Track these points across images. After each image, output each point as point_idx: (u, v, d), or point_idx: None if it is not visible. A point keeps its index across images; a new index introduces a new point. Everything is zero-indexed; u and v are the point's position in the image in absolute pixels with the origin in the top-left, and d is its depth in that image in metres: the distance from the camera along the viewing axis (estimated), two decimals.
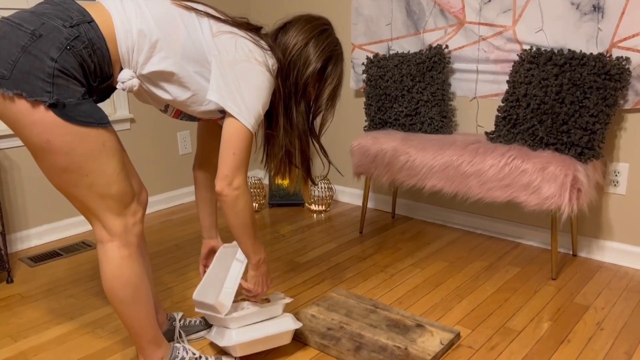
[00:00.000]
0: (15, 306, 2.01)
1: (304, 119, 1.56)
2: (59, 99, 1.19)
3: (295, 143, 1.57)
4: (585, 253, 2.36)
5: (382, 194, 3.02)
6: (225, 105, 1.38)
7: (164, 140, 3.10)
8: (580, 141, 2.02)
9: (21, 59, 1.17)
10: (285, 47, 1.51)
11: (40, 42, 1.18)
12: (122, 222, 1.34)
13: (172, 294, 2.08)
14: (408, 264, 2.30)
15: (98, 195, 1.29)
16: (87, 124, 1.24)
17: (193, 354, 1.53)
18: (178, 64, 1.35)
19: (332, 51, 1.56)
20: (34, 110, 1.19)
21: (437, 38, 2.57)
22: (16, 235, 2.54)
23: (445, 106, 2.50)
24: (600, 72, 1.99)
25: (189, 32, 1.36)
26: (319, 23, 1.56)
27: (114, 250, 1.34)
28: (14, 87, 1.17)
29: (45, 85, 1.18)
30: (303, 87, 1.53)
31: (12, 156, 2.49)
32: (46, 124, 1.20)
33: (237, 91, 1.38)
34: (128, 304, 1.38)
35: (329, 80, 1.57)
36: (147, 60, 1.33)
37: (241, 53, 1.39)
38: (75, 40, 1.21)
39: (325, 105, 1.59)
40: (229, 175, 1.40)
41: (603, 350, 1.66)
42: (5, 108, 1.20)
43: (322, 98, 1.58)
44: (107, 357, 1.67)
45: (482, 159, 2.12)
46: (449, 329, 1.73)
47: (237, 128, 1.39)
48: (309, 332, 1.74)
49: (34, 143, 1.23)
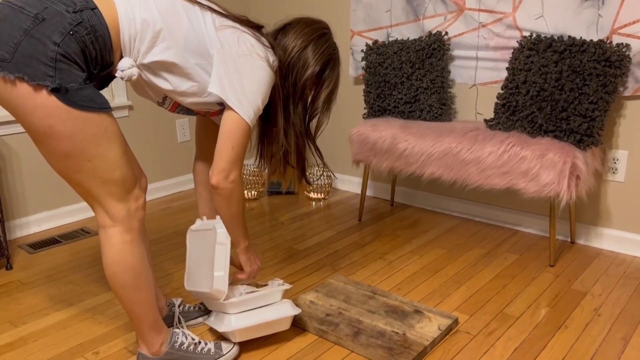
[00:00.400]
0: (14, 292, 2.02)
1: (301, 120, 1.59)
2: (61, 83, 1.19)
3: (292, 143, 1.59)
4: (584, 240, 2.37)
5: (381, 182, 3.02)
6: (226, 98, 1.38)
7: (162, 127, 3.09)
8: (580, 128, 2.02)
9: (23, 42, 1.16)
10: (285, 48, 1.54)
11: (43, 26, 1.17)
12: (125, 207, 1.34)
13: (172, 280, 2.09)
14: (406, 251, 2.30)
15: (100, 180, 1.30)
16: (89, 109, 1.24)
17: (192, 339, 1.54)
18: (180, 55, 1.35)
19: (330, 55, 1.59)
20: (36, 94, 1.18)
21: (436, 25, 2.55)
22: (15, 222, 2.54)
23: (444, 93, 2.50)
24: (600, 58, 1.99)
25: (192, 24, 1.36)
26: (319, 27, 1.59)
27: (116, 235, 1.35)
28: (16, 70, 1.16)
29: (47, 70, 1.17)
30: (301, 89, 1.56)
31: (11, 143, 2.49)
32: (48, 109, 1.19)
33: (238, 84, 1.38)
34: (129, 289, 1.39)
35: (325, 83, 1.61)
36: (149, 50, 1.33)
37: (243, 47, 1.39)
38: (78, 26, 1.21)
39: (321, 108, 1.62)
40: (226, 168, 1.42)
41: (600, 335, 1.67)
42: (6, 92, 1.19)
43: (319, 101, 1.61)
44: (107, 343, 1.68)
45: (481, 146, 2.12)
46: (447, 315, 1.74)
47: (237, 121, 1.40)
48: (308, 317, 1.75)
49: (35, 128, 1.22)
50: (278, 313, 1.59)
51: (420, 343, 1.60)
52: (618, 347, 1.61)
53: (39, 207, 2.62)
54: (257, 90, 1.41)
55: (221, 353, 1.55)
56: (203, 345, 1.54)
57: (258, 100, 1.41)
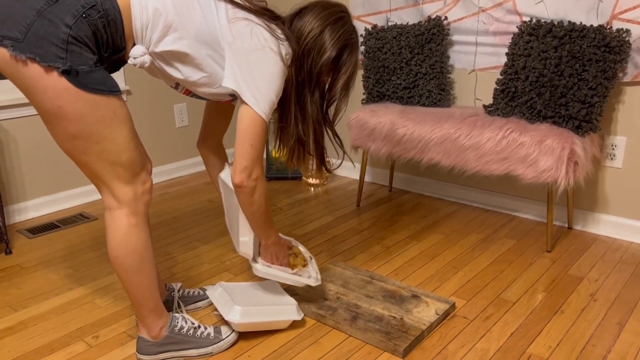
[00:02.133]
0: (14, 277, 2.02)
1: (317, 108, 1.55)
2: (72, 65, 1.19)
3: (308, 132, 1.56)
4: (581, 226, 2.38)
5: (380, 168, 3.02)
6: (242, 94, 1.38)
7: (160, 112, 3.08)
8: (578, 114, 2.02)
9: (36, 22, 1.16)
10: (300, 33, 1.49)
11: (56, 7, 1.17)
12: (132, 190, 1.35)
13: (171, 265, 2.09)
14: (404, 237, 2.31)
15: (108, 162, 1.30)
16: (99, 92, 1.24)
17: (192, 323, 1.55)
18: (191, 46, 1.35)
19: (347, 40, 1.53)
20: (46, 75, 1.18)
21: (436, 9, 2.54)
22: (14, 207, 2.54)
23: (443, 79, 2.49)
24: (600, 44, 1.98)
25: (205, 15, 1.35)
26: (336, 10, 1.53)
27: (122, 218, 1.36)
28: (27, 50, 1.16)
29: (58, 51, 1.17)
30: (317, 75, 1.51)
31: (9, 128, 2.48)
32: (58, 90, 1.20)
33: (251, 80, 1.37)
34: (132, 272, 1.40)
35: (343, 69, 1.55)
36: (160, 39, 1.32)
37: (256, 41, 1.37)
38: (91, 9, 1.21)
39: (339, 95, 1.57)
40: (248, 167, 1.42)
41: (596, 320, 1.68)
42: (18, 72, 1.19)
43: (336, 87, 1.56)
44: (107, 327, 1.70)
45: (479, 132, 2.12)
46: (444, 300, 1.75)
47: (253, 117, 1.39)
48: (306, 302, 1.76)
49: (45, 108, 1.23)
50: (283, 316, 1.63)
51: (417, 327, 1.61)
52: (613, 332, 1.62)
53: (37, 192, 2.62)
54: (271, 85, 1.39)
55: (220, 337, 1.56)
56: (202, 330, 1.55)
57: (272, 95, 1.40)
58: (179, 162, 3.23)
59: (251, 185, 1.44)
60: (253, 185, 1.44)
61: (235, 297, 1.62)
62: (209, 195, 2.89)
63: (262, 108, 1.38)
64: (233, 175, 1.43)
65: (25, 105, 2.50)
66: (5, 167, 2.49)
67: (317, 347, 1.58)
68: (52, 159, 2.65)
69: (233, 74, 1.38)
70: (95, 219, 2.57)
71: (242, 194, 1.45)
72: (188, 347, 1.52)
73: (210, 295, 1.69)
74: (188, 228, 2.46)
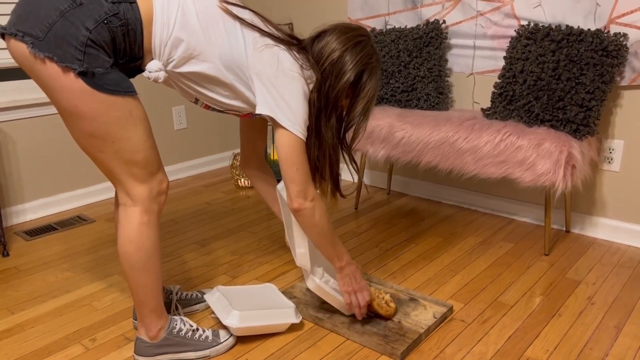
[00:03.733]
0: (11, 279, 2.02)
1: (333, 133, 1.53)
2: (88, 67, 1.22)
3: (324, 158, 1.55)
4: (578, 229, 2.38)
5: (378, 170, 3.02)
6: (277, 118, 1.40)
7: (159, 115, 3.08)
8: (576, 118, 2.02)
9: (58, 23, 1.19)
10: (319, 57, 1.49)
11: (79, 10, 1.20)
12: (147, 189, 1.36)
13: (169, 267, 2.09)
14: (402, 239, 2.31)
15: (123, 161, 1.32)
16: (114, 92, 1.26)
17: (190, 325, 1.55)
18: (216, 69, 1.38)
19: (366, 64, 1.51)
20: (63, 75, 1.21)
21: (434, 13, 2.54)
22: (12, 209, 2.54)
23: (441, 82, 2.49)
24: (597, 48, 1.98)
25: (230, 41, 1.37)
26: (355, 34, 1.51)
27: (135, 215, 1.37)
28: (46, 49, 1.19)
29: (76, 53, 1.20)
30: (335, 99, 1.50)
31: (7, 130, 2.48)
32: (75, 91, 1.22)
33: (283, 103, 1.39)
34: (139, 270, 1.41)
35: (362, 93, 1.53)
36: (182, 61, 1.35)
37: (283, 67, 1.40)
38: (114, 17, 1.24)
39: (357, 119, 1.55)
40: (301, 190, 1.44)
41: (593, 324, 1.69)
42: (37, 69, 1.22)
43: (355, 111, 1.54)
44: (104, 330, 1.69)
45: (477, 135, 2.12)
46: (442, 303, 1.76)
47: (292, 140, 1.41)
48: (304, 305, 1.76)
49: (62, 106, 1.26)
50: (281, 319, 1.63)
51: (415, 331, 1.61)
52: (611, 335, 1.63)
53: (35, 195, 2.62)
54: (300, 105, 1.41)
55: (218, 340, 1.56)
56: (201, 332, 1.55)
57: (304, 114, 1.42)
58: (177, 164, 3.23)
59: (310, 207, 1.46)
60: (312, 207, 1.46)
61: (233, 301, 1.62)
62: (208, 197, 2.89)
63: (297, 128, 1.41)
64: (290, 203, 1.46)
65: (23, 107, 2.50)
66: (3, 169, 2.49)
67: (315, 350, 1.58)
68: (50, 161, 2.64)
69: (265, 101, 1.40)
70: (93, 222, 2.57)
71: (304, 217, 1.47)
72: (186, 350, 1.52)
73: (208, 299, 1.69)
74: (186, 230, 2.45)
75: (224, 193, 2.95)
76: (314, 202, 1.47)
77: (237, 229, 2.46)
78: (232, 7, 1.40)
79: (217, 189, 3.02)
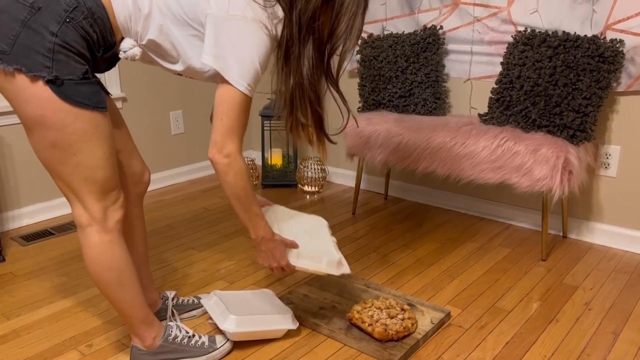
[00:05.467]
0: (7, 285, 2.01)
1: (312, 64, 1.35)
2: (57, 75, 1.18)
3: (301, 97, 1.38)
4: (575, 235, 2.38)
5: (375, 176, 3.02)
6: (221, 70, 1.30)
7: (156, 119, 3.08)
8: (573, 123, 2.03)
9: (21, 33, 1.16)
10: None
11: (39, 16, 1.17)
12: (102, 207, 1.32)
13: (165, 273, 2.09)
14: (400, 245, 2.31)
15: (83, 176, 1.28)
16: (82, 105, 1.23)
17: (187, 332, 1.54)
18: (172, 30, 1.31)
19: None
20: (32, 85, 1.18)
21: (431, 19, 2.55)
22: (8, 214, 2.53)
23: (439, 87, 2.50)
24: (594, 54, 1.99)
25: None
26: None
27: (94, 235, 1.33)
28: (15, 62, 1.16)
29: (44, 60, 1.17)
30: (307, 24, 1.31)
31: (3, 134, 2.47)
32: (42, 99, 1.19)
33: (230, 52, 1.28)
34: (113, 287, 1.38)
35: (342, 9, 1.31)
36: (145, 30, 1.31)
37: (234, 9, 1.27)
38: (74, 11, 1.20)
39: (342, 40, 1.34)
40: (217, 141, 1.34)
41: (591, 329, 1.69)
42: (6, 83, 1.19)
43: (338, 32, 1.33)
44: (100, 335, 1.68)
45: (475, 140, 2.12)
46: (439, 309, 1.75)
47: (228, 92, 1.31)
48: (302, 311, 1.75)
49: (28, 116, 1.22)
50: (278, 325, 1.62)
51: (412, 336, 1.61)
52: (608, 341, 1.63)
53: (31, 199, 2.61)
54: (251, 54, 1.28)
55: (215, 346, 1.55)
56: (197, 339, 1.54)
57: (252, 67, 1.29)
58: (174, 169, 3.22)
59: (223, 162, 1.34)
60: (225, 162, 1.34)
61: (230, 306, 1.61)
62: (204, 202, 2.88)
63: (239, 82, 1.29)
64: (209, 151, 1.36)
65: None
66: (0, 173, 2.48)
67: (312, 356, 1.57)
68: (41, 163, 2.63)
69: (210, 49, 1.29)
70: None
71: (217, 171, 1.36)
72: (182, 356, 1.51)
73: (204, 304, 1.68)
74: (183, 236, 2.45)
75: (221, 198, 2.95)
76: (228, 159, 1.33)
77: (234, 234, 2.46)
78: None
79: (214, 194, 3.02)
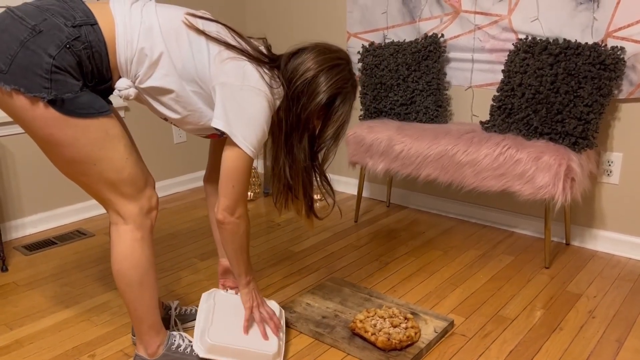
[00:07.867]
0: (10, 294, 2.01)
1: (305, 154, 1.50)
2: (57, 94, 1.20)
3: (297, 178, 1.51)
4: (578, 242, 2.38)
5: (377, 183, 3.02)
6: (231, 133, 1.36)
7: (158, 129, 3.09)
8: (575, 131, 2.03)
9: (19, 53, 1.17)
10: (294, 74, 1.43)
11: (39, 38, 1.18)
12: (137, 206, 1.36)
13: (168, 282, 2.08)
14: (402, 253, 2.31)
15: (109, 182, 1.31)
16: (87, 115, 1.25)
17: (189, 341, 1.54)
18: (177, 83, 1.35)
19: (340, 88, 1.47)
20: (33, 106, 1.20)
21: (432, 27, 2.56)
22: (11, 223, 2.53)
23: (440, 95, 2.50)
24: (595, 61, 2.00)
25: (193, 52, 1.35)
26: (334, 56, 1.47)
27: (127, 233, 1.37)
28: (12, 82, 1.18)
29: (43, 82, 1.19)
30: (306, 120, 1.45)
31: (6, 144, 2.48)
32: (47, 119, 1.21)
33: (241, 119, 1.35)
34: (134, 287, 1.40)
35: (334, 117, 1.48)
36: (147, 76, 1.33)
37: (249, 81, 1.36)
38: (75, 40, 1.22)
39: (327, 143, 1.51)
40: (230, 206, 1.42)
41: (595, 337, 1.68)
42: (5, 102, 1.21)
43: (326, 135, 1.50)
44: (103, 345, 1.68)
45: (476, 148, 2.13)
46: (442, 317, 1.75)
47: (241, 157, 1.38)
48: (304, 320, 1.75)
49: (38, 136, 1.25)
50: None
51: (416, 345, 1.60)
52: (612, 349, 1.62)
53: (34, 209, 2.62)
54: (259, 122, 1.37)
55: None
56: None
57: (260, 132, 1.38)
58: (176, 178, 3.23)
59: (234, 223, 1.44)
60: (236, 223, 1.44)
61: (215, 323, 1.53)
62: (207, 211, 2.88)
63: (249, 146, 1.37)
64: (215, 213, 1.43)
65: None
66: (2, 183, 2.49)
67: None
68: (49, 175, 2.64)
69: (221, 114, 1.36)
70: (92, 236, 2.56)
71: (226, 231, 1.45)
72: None
73: (201, 302, 1.64)
74: (185, 245, 2.45)
75: None
76: (239, 220, 1.44)
77: None
78: (198, 20, 1.37)
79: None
